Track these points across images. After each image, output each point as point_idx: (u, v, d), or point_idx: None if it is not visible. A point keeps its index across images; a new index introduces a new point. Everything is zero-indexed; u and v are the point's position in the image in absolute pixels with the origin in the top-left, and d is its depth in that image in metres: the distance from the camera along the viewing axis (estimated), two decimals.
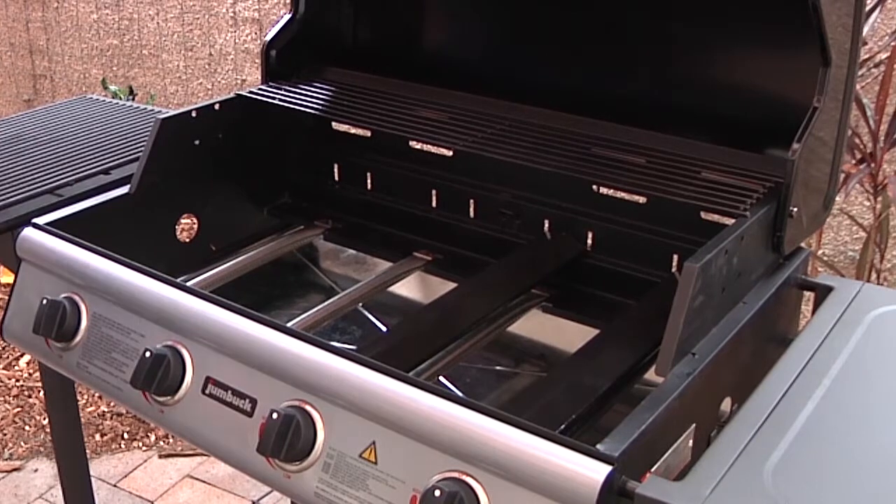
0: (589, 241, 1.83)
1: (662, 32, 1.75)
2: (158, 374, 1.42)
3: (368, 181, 2.10)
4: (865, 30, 2.77)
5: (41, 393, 3.55)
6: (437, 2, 2.04)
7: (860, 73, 2.97)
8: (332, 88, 1.97)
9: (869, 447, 1.24)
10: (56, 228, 1.65)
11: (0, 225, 1.74)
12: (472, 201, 1.96)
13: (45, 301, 1.57)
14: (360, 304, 1.87)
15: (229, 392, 1.39)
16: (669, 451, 1.22)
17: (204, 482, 3.43)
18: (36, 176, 1.91)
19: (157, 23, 5.27)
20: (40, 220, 1.67)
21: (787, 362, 1.37)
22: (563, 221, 1.86)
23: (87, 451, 2.77)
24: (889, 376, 1.39)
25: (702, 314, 1.32)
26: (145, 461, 3.55)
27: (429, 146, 1.94)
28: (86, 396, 3.77)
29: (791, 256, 1.57)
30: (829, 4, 1.40)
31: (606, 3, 1.80)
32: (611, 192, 1.78)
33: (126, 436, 3.66)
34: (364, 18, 2.10)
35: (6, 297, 1.72)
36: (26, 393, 3.85)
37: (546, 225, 1.88)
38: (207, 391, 1.41)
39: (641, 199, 1.73)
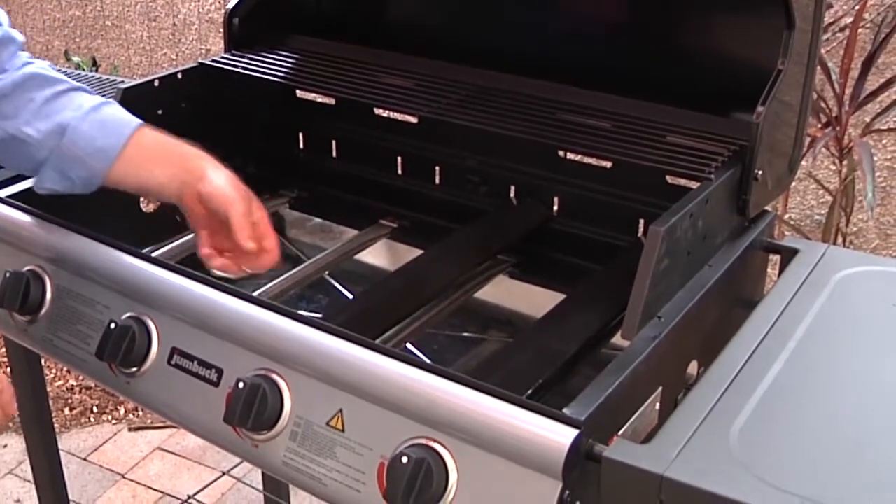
0: (555, 207, 1.83)
1: None
2: (123, 346, 1.41)
3: (334, 149, 2.09)
4: None
5: (8, 368, 3.53)
6: None
7: (825, 37, 2.98)
8: (297, 56, 1.96)
9: (834, 409, 1.25)
10: (18, 201, 1.63)
11: None
12: (437, 168, 1.95)
13: (8, 274, 1.56)
14: (327, 273, 1.86)
15: (195, 362, 1.38)
16: (636, 414, 1.23)
17: (174, 454, 3.42)
18: None
19: None
20: (2, 193, 1.66)
21: (752, 325, 1.38)
22: (529, 187, 1.86)
23: (57, 425, 2.76)
24: (854, 338, 1.40)
25: (667, 278, 1.32)
26: (115, 434, 3.54)
27: (394, 113, 1.93)
28: (54, 370, 3.76)
29: (756, 220, 1.57)
30: None
31: None
32: (577, 157, 1.78)
33: (95, 409, 3.65)
34: None
35: None
36: None
37: (512, 191, 1.88)
38: (173, 362, 1.41)
39: (607, 164, 1.73)
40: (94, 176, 1.50)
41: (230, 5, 1.99)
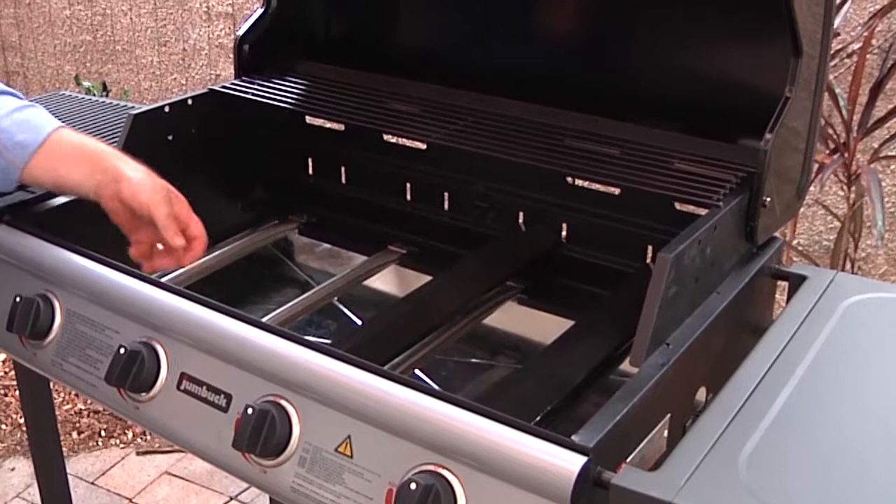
0: (563, 233, 1.84)
1: (635, 23, 1.75)
2: (133, 371, 1.41)
3: (342, 175, 2.09)
4: (838, 21, 2.79)
5: (17, 391, 3.54)
6: None
7: (833, 63, 2.98)
8: (306, 82, 1.97)
9: (843, 436, 1.24)
10: (29, 225, 1.64)
11: None
12: (446, 194, 1.96)
13: (18, 299, 1.56)
14: (335, 298, 1.87)
15: (204, 388, 1.38)
16: (644, 441, 1.23)
17: (182, 479, 3.42)
18: None
19: (131, 18, 5.24)
20: (12, 217, 1.66)
21: (761, 352, 1.38)
22: (538, 213, 1.86)
23: (65, 449, 2.76)
24: (862, 365, 1.40)
25: (675, 304, 1.32)
26: (123, 458, 3.54)
27: (402, 139, 1.93)
28: (62, 394, 3.76)
29: (765, 246, 1.58)
30: None
31: None
32: (584, 183, 1.78)
33: (103, 433, 3.64)
34: (336, 12, 2.10)
35: None
36: (2, 391, 3.83)
37: (520, 217, 1.88)
38: (182, 387, 1.41)
39: (615, 191, 1.73)
40: (11, 168, 1.55)
41: (240, 31, 2.00)
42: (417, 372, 1.62)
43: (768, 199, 1.50)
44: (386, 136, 1.98)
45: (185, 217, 1.55)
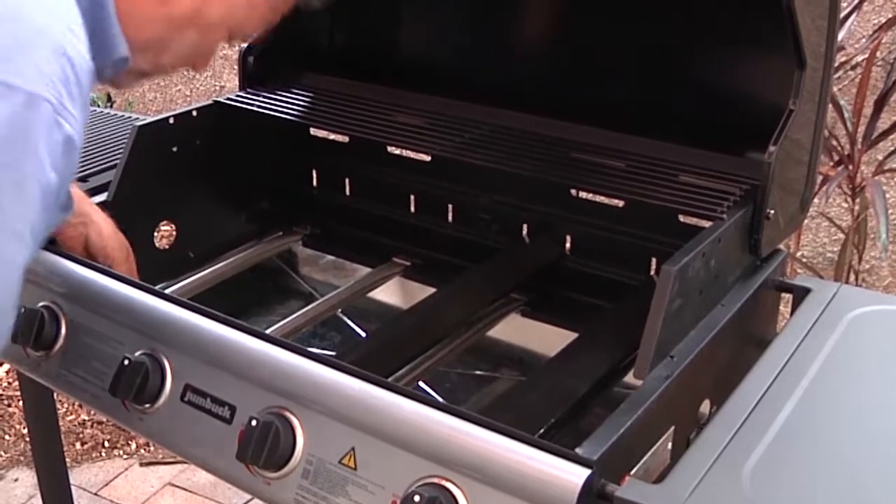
0: (567, 245, 1.84)
1: (639, 37, 1.75)
2: (137, 382, 1.41)
3: (347, 187, 2.10)
4: (842, 33, 2.79)
5: (20, 402, 3.54)
6: (412, 7, 2.04)
7: (837, 75, 2.99)
8: (310, 94, 1.97)
9: (847, 448, 1.24)
10: None
11: None
12: (450, 206, 1.96)
13: (23, 309, 1.56)
14: (339, 310, 1.87)
15: (208, 399, 1.38)
16: (648, 453, 1.23)
17: (185, 490, 3.42)
18: None
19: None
20: None
21: (765, 364, 1.38)
22: (542, 225, 1.86)
23: (68, 459, 2.76)
24: (866, 377, 1.40)
25: (680, 317, 1.32)
26: (126, 469, 3.54)
27: (407, 151, 1.94)
28: (66, 405, 3.76)
29: (768, 258, 1.58)
30: (804, 7, 1.41)
31: (582, 8, 1.81)
32: (589, 195, 1.78)
33: (107, 444, 3.64)
34: (340, 24, 2.10)
35: None
36: (5, 402, 3.83)
37: (524, 229, 1.88)
38: (186, 398, 1.41)
39: (619, 203, 1.74)
40: None
41: (245, 44, 2.00)
42: (421, 384, 1.62)
43: (772, 212, 1.50)
44: (390, 149, 1.99)
45: (130, 270, 1.66)
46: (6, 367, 3.99)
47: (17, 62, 1.09)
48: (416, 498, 1.14)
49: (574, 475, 1.10)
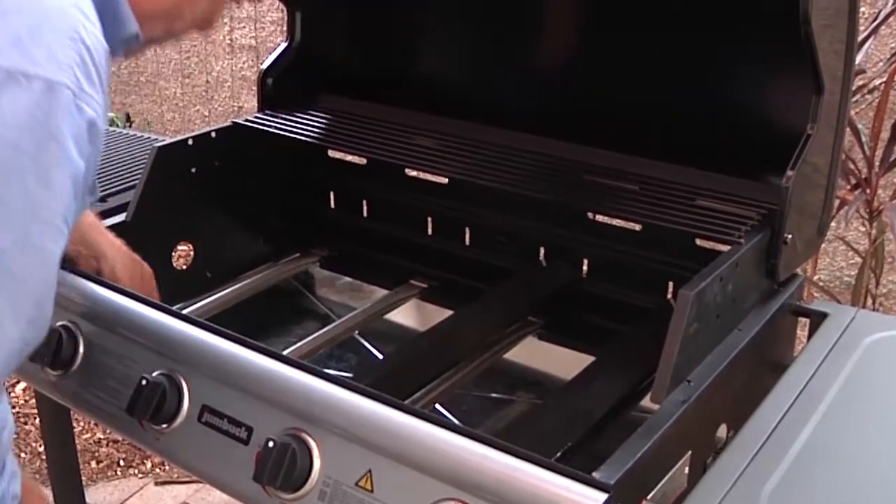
0: (584, 268, 1.84)
1: (655, 59, 1.75)
2: (154, 402, 1.41)
3: (364, 209, 2.10)
4: (860, 57, 2.79)
5: (37, 420, 3.55)
6: (429, 30, 2.05)
7: (855, 99, 2.98)
8: (328, 116, 1.98)
9: (864, 473, 1.24)
10: None
11: None
12: (467, 228, 1.96)
13: None
14: (356, 332, 1.87)
15: (225, 420, 1.38)
16: (665, 478, 1.22)
17: None
18: None
19: (155, 50, 5.28)
20: None
21: (782, 389, 1.38)
22: (558, 248, 1.86)
23: (84, 478, 2.76)
24: (884, 402, 1.40)
25: (697, 341, 1.32)
26: (141, 488, 3.54)
27: (424, 174, 1.94)
28: (82, 423, 3.76)
29: (786, 283, 1.57)
30: (822, 32, 1.41)
31: (598, 31, 1.81)
32: (605, 219, 1.78)
33: (122, 463, 3.65)
34: (358, 47, 2.11)
35: None
36: (22, 419, 3.84)
37: (541, 252, 1.88)
38: (203, 419, 1.41)
39: (636, 226, 1.74)
40: None
41: (264, 66, 2.01)
42: (438, 406, 1.62)
43: (789, 236, 1.50)
44: (408, 171, 1.99)
45: (149, 292, 1.65)
46: (23, 385, 4.00)
47: (33, 50, 1.09)
48: None
49: (591, 499, 1.09)
